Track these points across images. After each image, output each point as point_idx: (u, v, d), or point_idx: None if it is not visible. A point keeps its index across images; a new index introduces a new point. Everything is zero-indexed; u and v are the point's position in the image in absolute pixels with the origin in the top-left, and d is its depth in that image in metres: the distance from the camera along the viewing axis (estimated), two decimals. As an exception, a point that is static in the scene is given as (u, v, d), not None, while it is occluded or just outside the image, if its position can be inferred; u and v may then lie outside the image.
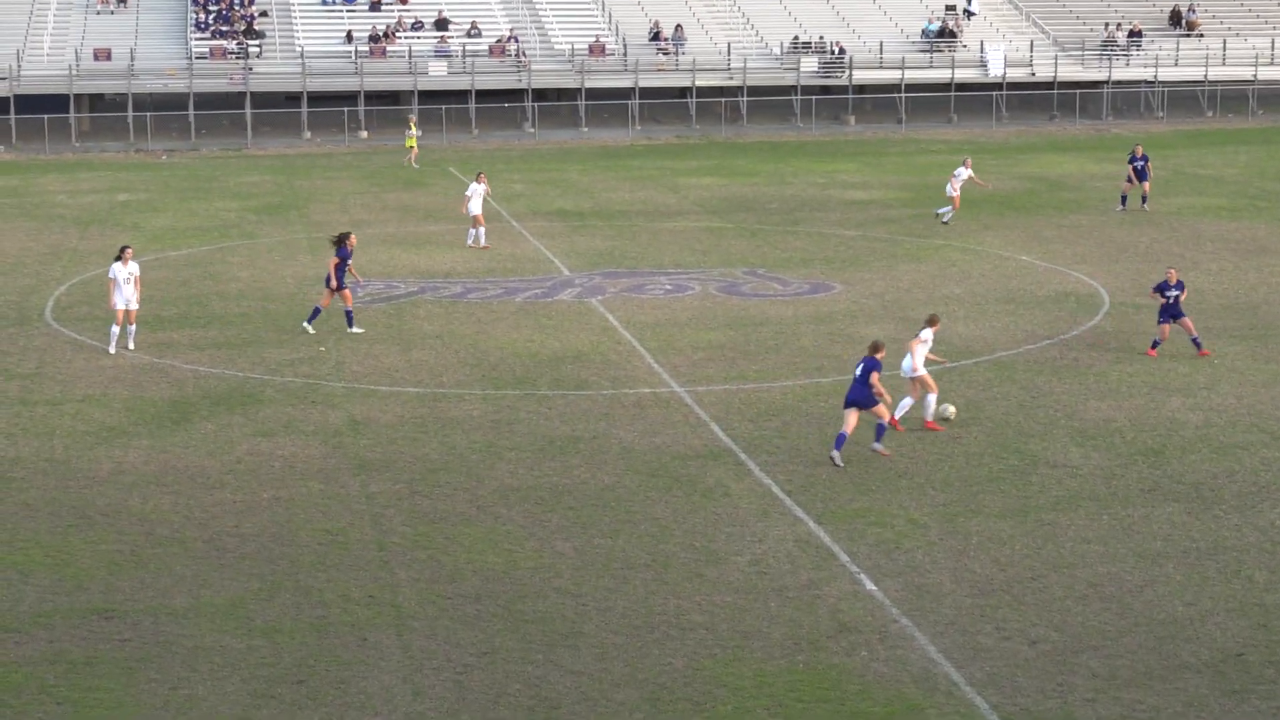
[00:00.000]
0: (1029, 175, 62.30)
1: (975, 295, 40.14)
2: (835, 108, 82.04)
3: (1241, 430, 28.72)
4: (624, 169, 64.90)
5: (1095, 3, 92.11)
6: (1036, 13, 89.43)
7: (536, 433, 28.81)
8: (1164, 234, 48.45)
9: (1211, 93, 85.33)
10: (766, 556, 22.74)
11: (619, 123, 78.66)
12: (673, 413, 30.08)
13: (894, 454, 27.20)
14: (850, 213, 53.41)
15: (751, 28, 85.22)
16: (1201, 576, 21.95)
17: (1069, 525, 23.91)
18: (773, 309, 38.93)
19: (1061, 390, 31.36)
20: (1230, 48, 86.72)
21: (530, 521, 24.21)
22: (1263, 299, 39.65)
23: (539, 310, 38.90)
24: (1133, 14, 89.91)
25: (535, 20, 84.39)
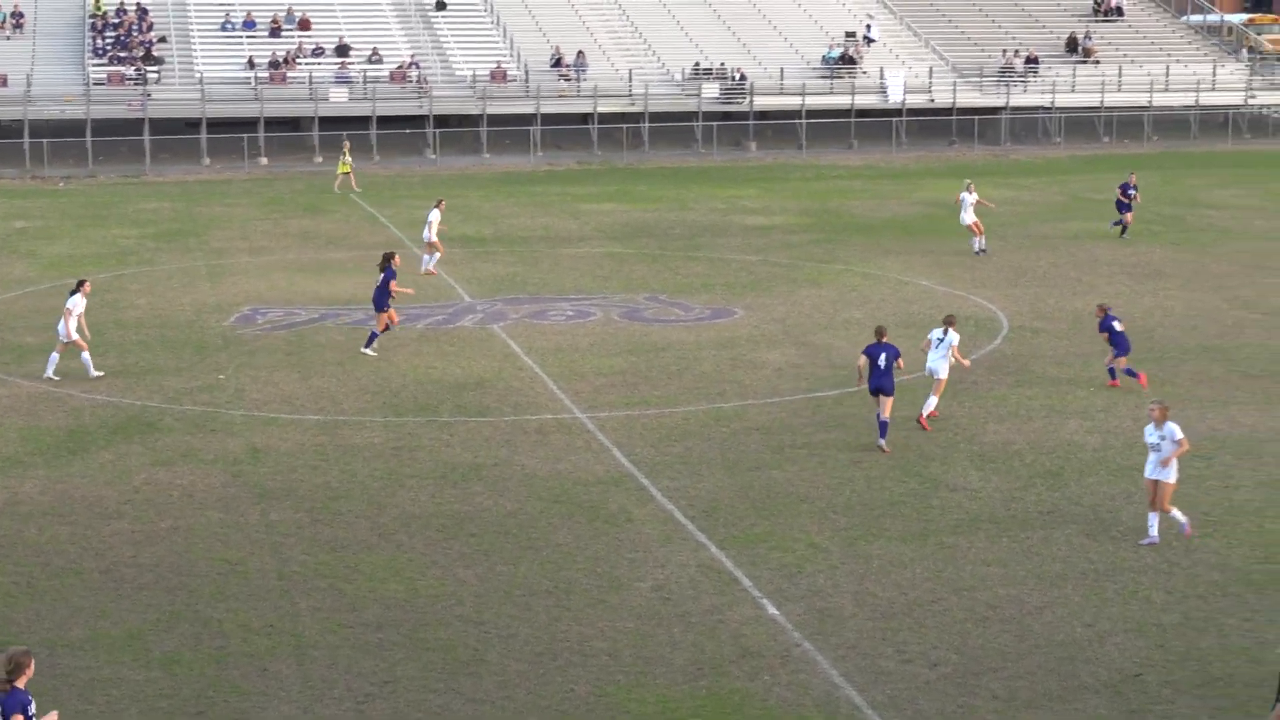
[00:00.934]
0: (928, 200, 62.73)
1: (875, 319, 40.20)
2: (736, 133, 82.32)
3: (1138, 453, 28.84)
4: (526, 195, 64.86)
5: (993, 30, 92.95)
6: (935, 39, 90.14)
7: (438, 460, 28.71)
8: (1061, 258, 48.89)
9: (1108, 118, 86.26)
10: (669, 582, 22.74)
11: (521, 149, 78.60)
12: (575, 439, 30.05)
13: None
14: (751, 238, 53.59)
15: (653, 54, 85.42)
16: (1100, 598, 22.13)
17: (969, 548, 24.06)
18: (674, 334, 38.99)
19: (961, 414, 31.57)
20: (1126, 74, 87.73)
21: (432, 549, 24.11)
22: (1158, 323, 40.08)
23: (441, 337, 38.78)
24: (1030, 41, 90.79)
25: (436, 46, 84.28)
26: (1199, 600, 22.07)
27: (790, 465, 28.29)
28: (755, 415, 31.61)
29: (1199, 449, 29.06)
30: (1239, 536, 24.59)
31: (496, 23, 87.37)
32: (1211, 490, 26.85)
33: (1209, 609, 21.76)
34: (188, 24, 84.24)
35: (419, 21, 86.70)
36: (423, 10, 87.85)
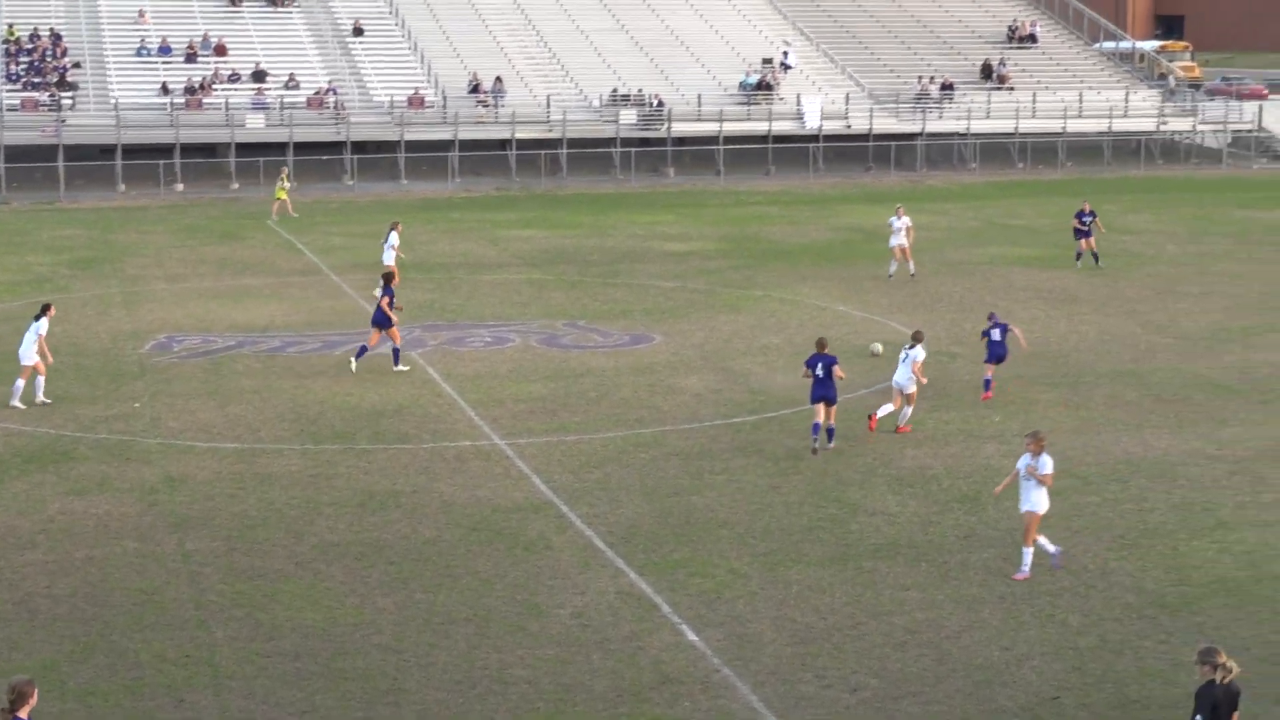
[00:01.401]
0: (845, 226, 63.05)
1: (794, 345, 40.46)
2: (654, 159, 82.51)
3: (1055, 476, 29.16)
4: (444, 221, 64.76)
5: (908, 56, 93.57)
6: (851, 66, 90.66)
7: (356, 487, 28.59)
8: (977, 283, 49.23)
9: (1022, 144, 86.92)
10: (588, 609, 22.72)
11: (439, 175, 78.48)
12: (494, 465, 30.00)
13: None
14: (669, 264, 53.69)
15: (570, 80, 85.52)
16: (1017, 621, 22.27)
17: (888, 572, 24.16)
18: (593, 360, 39.00)
19: (878, 438, 31.70)
20: (1040, 101, 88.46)
21: (350, 577, 24.00)
22: (1073, 347, 40.40)
23: (359, 364, 38.58)
24: (945, 67, 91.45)
25: (354, 72, 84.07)
26: (1115, 623, 22.24)
27: (709, 491, 28.34)
28: (674, 441, 31.65)
29: (1114, 472, 29.38)
30: (1154, 559, 24.80)
31: (414, 49, 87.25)
32: (1126, 513, 27.08)
33: (1125, 631, 21.94)
34: (102, 50, 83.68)
35: (336, 47, 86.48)
36: (340, 36, 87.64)
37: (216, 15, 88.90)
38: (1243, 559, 24.85)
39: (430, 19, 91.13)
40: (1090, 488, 28.52)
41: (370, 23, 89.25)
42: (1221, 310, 45.17)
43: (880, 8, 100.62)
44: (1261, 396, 35.21)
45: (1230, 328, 42.72)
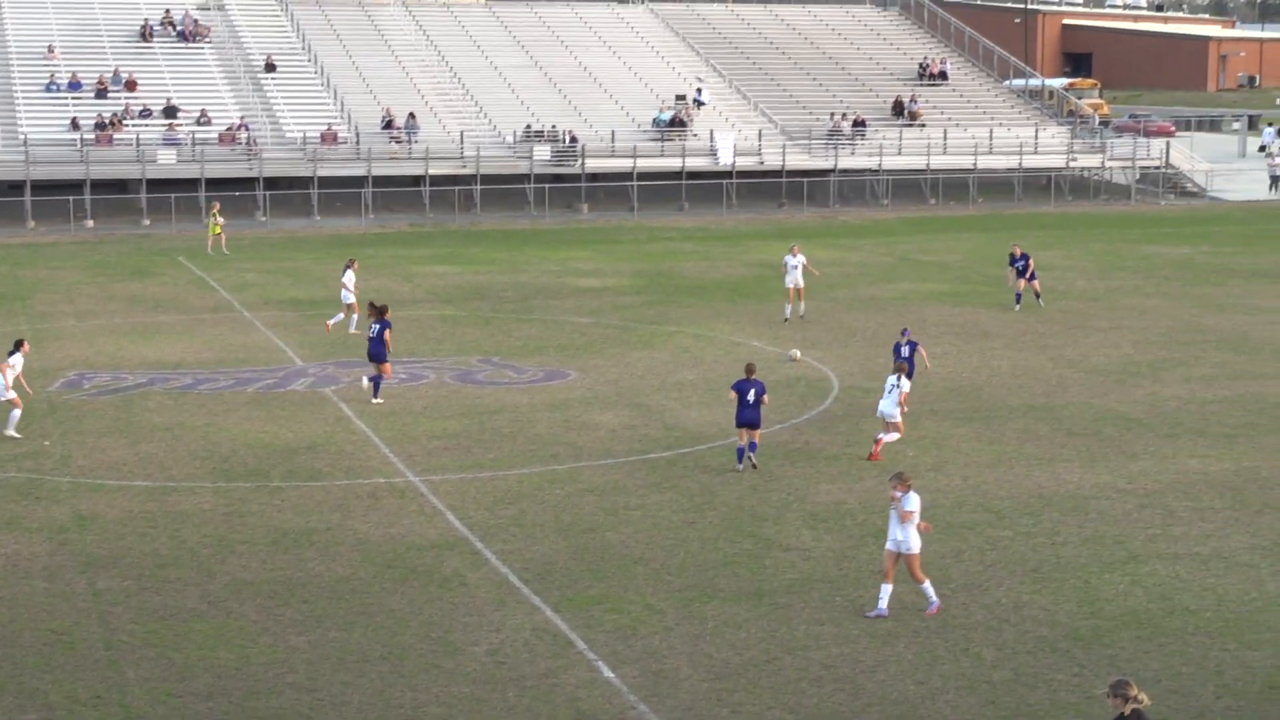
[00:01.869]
0: (759, 262, 63.25)
1: (708, 381, 40.56)
2: (568, 195, 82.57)
3: (968, 510, 29.39)
4: (357, 257, 64.41)
5: (821, 93, 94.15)
6: (764, 103, 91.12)
7: (269, 525, 28.40)
8: (890, 319, 49.45)
9: (934, 181, 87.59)
10: (504, 646, 22.65)
11: (352, 211, 78.26)
12: (408, 503, 29.88)
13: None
14: (584, 300, 53.72)
15: (484, 116, 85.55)
16: (932, 655, 22.35)
17: (803, 607, 24.20)
18: (508, 397, 38.93)
19: (794, 474, 31.79)
20: (951, 137, 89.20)
21: (263, 616, 23.82)
22: (985, 381, 40.67)
23: (271, 401, 38.41)
24: (857, 104, 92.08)
25: (266, 108, 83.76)
26: (1028, 656, 22.36)
27: (624, 527, 28.33)
28: (589, 477, 31.63)
29: (1027, 506, 29.56)
30: (1066, 592, 24.96)
31: (326, 84, 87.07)
32: (1039, 547, 27.25)
33: (1038, 664, 22.06)
34: (11, 85, 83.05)
35: (248, 83, 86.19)
36: (252, 72, 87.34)
37: (127, 50, 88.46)
38: (1154, 591, 25.05)
39: (343, 55, 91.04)
40: (1003, 521, 28.69)
41: (282, 58, 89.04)
42: (1131, 345, 45.60)
43: (793, 45, 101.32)
44: (1170, 430, 35.55)
45: (1139, 362, 43.13)
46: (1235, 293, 55.46)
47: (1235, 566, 26.28)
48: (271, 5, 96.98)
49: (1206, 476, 31.73)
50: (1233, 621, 23.78)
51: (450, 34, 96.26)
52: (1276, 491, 30.66)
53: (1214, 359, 43.62)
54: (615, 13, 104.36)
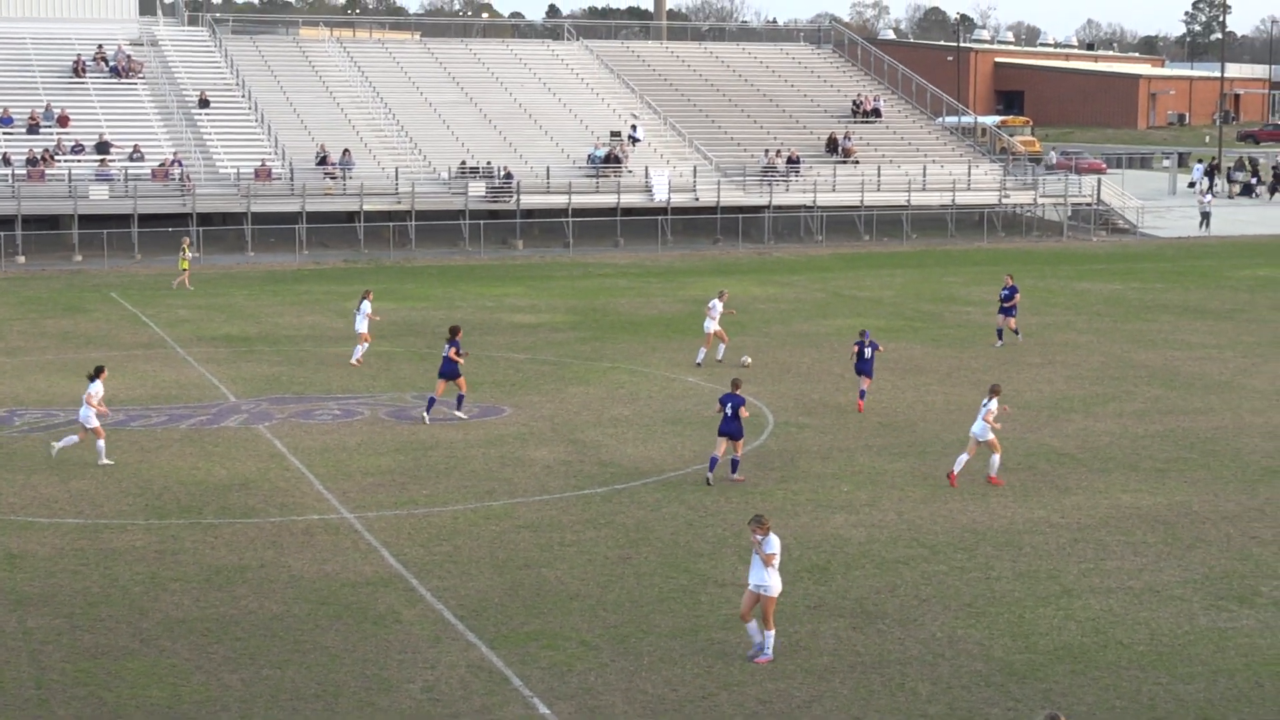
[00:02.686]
0: (694, 299, 63.32)
1: (643, 416, 40.59)
2: (503, 232, 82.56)
3: (903, 545, 29.47)
4: (291, 294, 64.34)
5: (755, 130, 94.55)
6: (699, 139, 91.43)
7: (202, 562, 28.22)
8: (825, 354, 49.59)
9: (868, 217, 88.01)
10: (439, 683, 22.56)
11: (286, 247, 78.02)
12: (342, 539, 29.75)
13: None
14: (519, 336, 53.68)
15: (419, 152, 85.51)
16: (867, 690, 22.38)
17: (738, 643, 24.19)
18: (443, 432, 38.83)
19: (729, 509, 31.81)
20: (885, 174, 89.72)
21: (196, 654, 23.66)
22: (920, 416, 40.84)
23: (204, 437, 38.21)
24: (791, 141, 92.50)
25: (200, 144, 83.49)
26: (963, 690, 22.42)
27: (560, 563, 28.28)
28: (524, 513, 31.58)
29: (961, 541, 29.67)
30: (1001, 627, 25.05)
31: (261, 120, 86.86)
32: (973, 581, 27.35)
33: (973, 699, 22.12)
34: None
35: (181, 119, 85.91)
36: (185, 107, 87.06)
37: (59, 86, 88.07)
38: (1087, 625, 25.17)
39: (277, 91, 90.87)
40: (938, 556, 28.79)
41: (216, 94, 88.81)
42: (1063, 380, 45.88)
43: (727, 82, 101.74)
44: (1102, 465, 35.77)
45: (1072, 397, 43.40)
46: (1166, 328, 55.92)
47: (1167, 600, 26.44)
48: (205, 41, 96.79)
49: (1139, 511, 31.94)
50: (1165, 655, 23.92)
51: (385, 70, 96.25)
52: (1208, 526, 30.88)
53: (1145, 394, 43.94)
54: (550, 49, 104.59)
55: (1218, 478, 34.72)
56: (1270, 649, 24.19)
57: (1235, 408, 42.19)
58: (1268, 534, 30.36)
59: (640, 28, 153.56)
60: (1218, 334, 54.74)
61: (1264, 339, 53.62)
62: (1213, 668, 23.41)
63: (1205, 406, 42.34)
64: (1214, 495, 33.20)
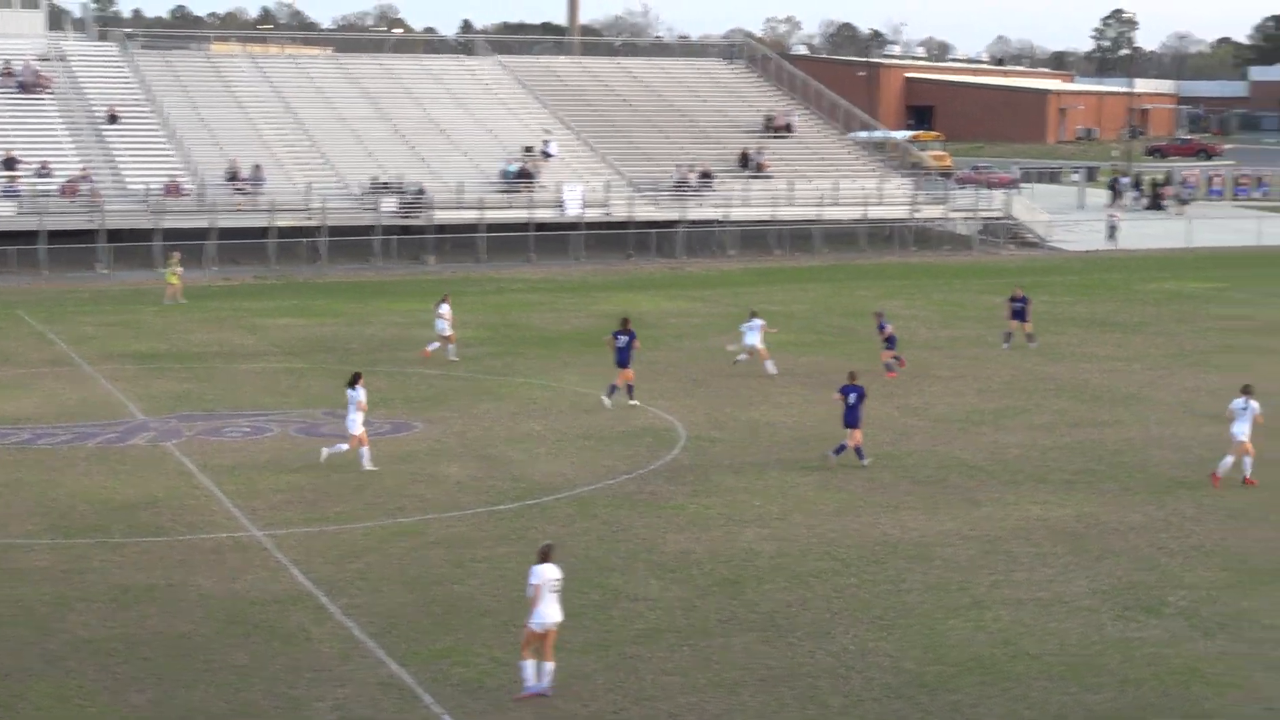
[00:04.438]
0: (607, 313, 63.31)
1: (555, 432, 40.55)
2: (415, 247, 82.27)
3: (814, 559, 29.55)
4: (201, 310, 63.87)
5: (667, 145, 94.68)
6: (612, 154, 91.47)
7: (110, 582, 27.95)
8: (737, 369, 49.65)
9: (780, 232, 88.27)
10: (350, 701, 22.43)
11: (195, 263, 77.34)
12: (252, 557, 29.54)
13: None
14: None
15: (331, 167, 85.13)
16: (778, 703, 22.42)
17: (650, 658, 24.20)
18: (353, 450, 38.57)
19: (641, 524, 31.82)
20: (796, 189, 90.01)
21: (103, 674, 23.43)
22: (831, 430, 40.87)
23: (112, 455, 37.87)
24: (704, 156, 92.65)
25: (109, 159, 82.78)
26: (874, 703, 22.50)
27: (471, 579, 28.20)
28: (435, 529, 31.46)
29: (872, 554, 29.79)
30: (911, 639, 25.16)
31: (171, 136, 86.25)
32: (884, 594, 27.46)
33: (884, 711, 22.19)
34: None
35: (90, 134, 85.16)
36: (94, 123, 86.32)
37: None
38: (997, 637, 25.32)
39: (188, 106, 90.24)
40: (848, 569, 28.88)
41: (126, 110, 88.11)
42: (974, 393, 46.16)
43: (639, 98, 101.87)
44: (1012, 477, 36.01)
45: (982, 410, 43.67)
46: (1074, 341, 56.36)
47: (1076, 611, 26.63)
48: (115, 56, 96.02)
49: (1047, 523, 32.16)
50: (1074, 665, 24.09)
51: (296, 85, 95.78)
52: (1116, 537, 31.14)
53: (1054, 406, 44.27)
54: (464, 64, 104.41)
55: (1125, 489, 35.02)
56: (1177, 659, 24.41)
57: (1143, 420, 42.59)
58: (1174, 544, 30.65)
59: (554, 43, 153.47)
60: (1125, 347, 55.23)
61: (1170, 352, 54.15)
62: (1121, 678, 23.61)
63: (1113, 419, 42.70)
64: (1122, 506, 33.49)
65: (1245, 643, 25.16)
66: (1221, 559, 29.77)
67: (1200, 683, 23.44)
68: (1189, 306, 66.41)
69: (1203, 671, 23.89)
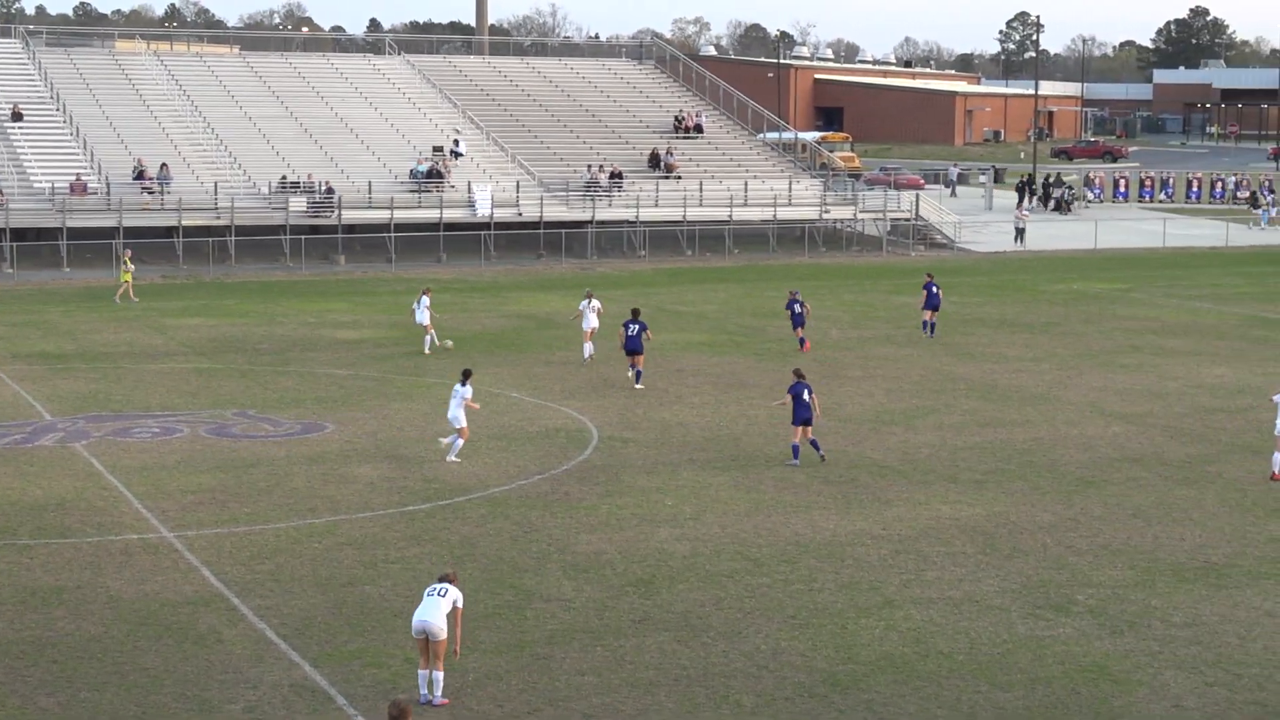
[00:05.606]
0: (517, 313, 63.35)
1: (469, 432, 40.42)
2: (325, 247, 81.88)
3: (727, 559, 29.63)
4: (108, 310, 63.33)
5: (578, 145, 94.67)
6: (521, 155, 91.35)
7: (17, 584, 27.68)
8: (648, 369, 49.61)
9: (690, 232, 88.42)
10: (262, 703, 22.32)
11: (103, 263, 76.65)
12: (162, 559, 29.33)
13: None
14: (342, 352, 53.28)
15: (239, 167, 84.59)
16: (692, 703, 22.48)
17: (564, 658, 24.20)
18: (264, 450, 38.43)
19: (553, 524, 31.82)
20: (707, 190, 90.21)
21: (10, 677, 23.20)
22: (743, 430, 41.09)
23: (19, 456, 37.49)
24: (614, 156, 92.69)
25: (13, 158, 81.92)
26: (786, 702, 22.59)
27: (384, 580, 28.11)
28: (347, 530, 31.34)
29: (784, 553, 29.89)
30: (824, 638, 25.28)
31: (76, 134, 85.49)
32: (796, 593, 27.57)
33: (796, 710, 22.29)
34: None
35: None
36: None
37: None
38: (909, 636, 25.47)
39: (93, 104, 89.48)
40: (761, 569, 28.98)
41: (30, 108, 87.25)
42: (884, 393, 46.41)
43: (549, 98, 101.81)
44: (923, 477, 36.23)
45: (892, 410, 43.91)
46: (983, 341, 56.78)
47: (987, 610, 26.84)
48: (18, 53, 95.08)
49: (958, 522, 32.39)
50: (985, 664, 24.28)
51: (203, 83, 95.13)
52: (1025, 536, 31.39)
53: (964, 407, 44.58)
54: (372, 64, 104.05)
55: (1035, 488, 35.31)
56: (1086, 656, 24.64)
57: (1051, 419, 42.94)
58: (1083, 543, 30.93)
59: (462, 43, 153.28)
60: (1034, 347, 55.69)
61: (1078, 351, 54.63)
62: (1031, 676, 23.81)
63: (1022, 418, 43.04)
64: (1031, 506, 33.77)
65: (1153, 640, 25.44)
66: (1129, 557, 30.07)
67: (1109, 681, 23.68)
68: (1095, 307, 67.04)
69: (1111, 670, 24.14)
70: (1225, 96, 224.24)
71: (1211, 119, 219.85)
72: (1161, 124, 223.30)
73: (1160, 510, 33.56)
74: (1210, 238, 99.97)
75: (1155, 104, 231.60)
